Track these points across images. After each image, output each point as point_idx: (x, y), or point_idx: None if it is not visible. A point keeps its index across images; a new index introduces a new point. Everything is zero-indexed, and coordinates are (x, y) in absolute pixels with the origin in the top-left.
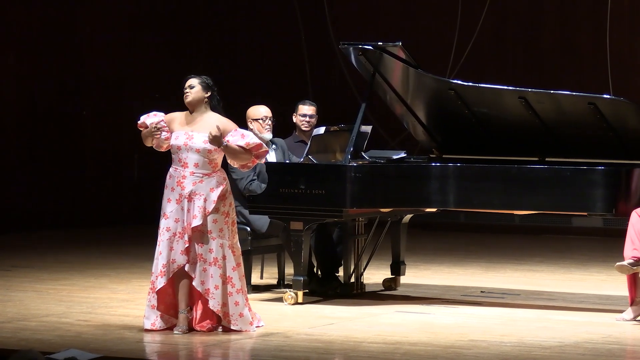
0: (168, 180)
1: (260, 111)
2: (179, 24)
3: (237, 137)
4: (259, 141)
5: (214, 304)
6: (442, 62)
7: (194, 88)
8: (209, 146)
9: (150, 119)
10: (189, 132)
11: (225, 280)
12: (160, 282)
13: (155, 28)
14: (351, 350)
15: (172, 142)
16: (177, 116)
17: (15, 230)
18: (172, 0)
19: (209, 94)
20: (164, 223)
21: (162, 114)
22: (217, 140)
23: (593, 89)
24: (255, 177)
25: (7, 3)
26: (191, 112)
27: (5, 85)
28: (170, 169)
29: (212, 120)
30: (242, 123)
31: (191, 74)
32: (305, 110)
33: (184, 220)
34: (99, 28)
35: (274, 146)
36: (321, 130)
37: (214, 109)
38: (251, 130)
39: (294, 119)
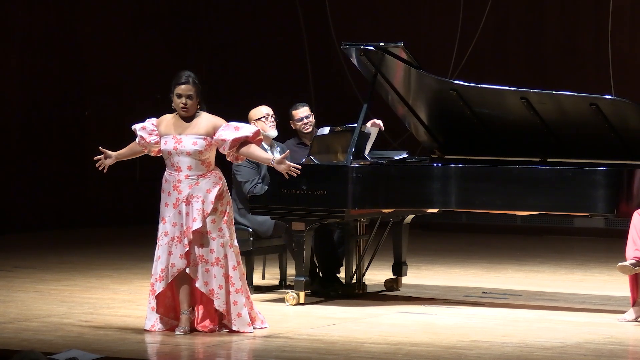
0: (164, 185)
1: (261, 110)
2: (180, 24)
3: (230, 131)
4: (256, 128)
5: (220, 304)
6: (443, 63)
7: (193, 100)
8: (198, 147)
9: (140, 124)
10: (177, 136)
11: (227, 279)
12: (159, 287)
13: (157, 28)
14: (353, 350)
15: (162, 147)
16: (166, 119)
17: (16, 230)
18: (173, 0)
19: (199, 97)
20: (162, 227)
21: (154, 119)
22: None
23: (595, 90)
24: (260, 181)
25: (9, 5)
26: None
27: (8, 86)
28: (165, 173)
29: (201, 121)
30: (246, 122)
31: (181, 75)
32: (301, 113)
33: (183, 224)
34: (100, 28)
35: (278, 147)
36: (326, 130)
37: (200, 109)
38: None
39: (293, 126)
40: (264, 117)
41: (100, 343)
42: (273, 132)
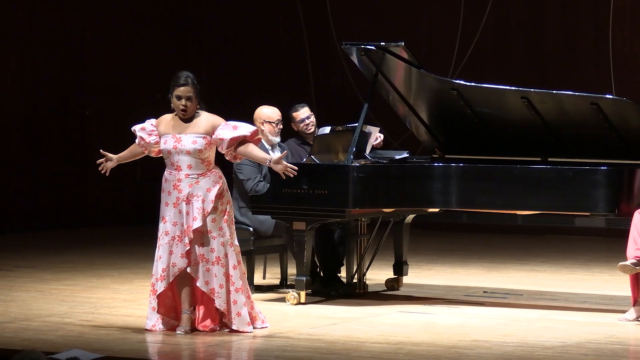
0: (164, 184)
1: (273, 115)
2: (180, 24)
3: (228, 130)
4: (254, 127)
5: (220, 303)
6: (444, 62)
7: (192, 101)
8: (198, 146)
9: (139, 125)
10: (177, 135)
11: (227, 278)
12: (161, 287)
13: (157, 28)
14: (354, 350)
15: (162, 146)
16: (165, 119)
17: (16, 230)
18: (173, 0)
19: (198, 98)
20: (162, 227)
21: (153, 119)
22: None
23: (595, 89)
24: (262, 179)
25: (9, 5)
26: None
27: (8, 86)
28: (165, 173)
29: (200, 120)
30: (246, 121)
31: (179, 76)
32: (302, 114)
33: (183, 223)
34: (100, 28)
35: (278, 147)
36: (326, 130)
37: (199, 108)
38: (261, 131)
39: (294, 128)
40: (275, 122)
41: (101, 342)
42: (277, 139)
